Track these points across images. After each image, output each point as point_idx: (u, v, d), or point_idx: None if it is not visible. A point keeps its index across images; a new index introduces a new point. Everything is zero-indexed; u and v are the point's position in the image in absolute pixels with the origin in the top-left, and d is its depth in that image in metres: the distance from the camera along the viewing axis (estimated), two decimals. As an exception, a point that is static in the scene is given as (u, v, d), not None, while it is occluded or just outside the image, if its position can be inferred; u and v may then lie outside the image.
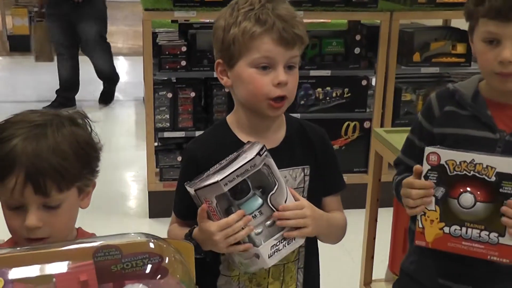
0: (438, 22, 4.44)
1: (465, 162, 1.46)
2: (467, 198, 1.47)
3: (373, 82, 3.89)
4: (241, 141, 1.54)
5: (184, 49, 3.67)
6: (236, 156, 1.43)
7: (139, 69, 5.84)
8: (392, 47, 3.71)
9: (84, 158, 1.30)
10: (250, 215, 1.42)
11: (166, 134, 3.81)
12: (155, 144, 3.85)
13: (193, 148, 1.60)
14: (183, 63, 3.68)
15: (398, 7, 3.79)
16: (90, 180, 1.34)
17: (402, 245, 2.62)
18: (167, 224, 1.65)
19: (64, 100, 5.67)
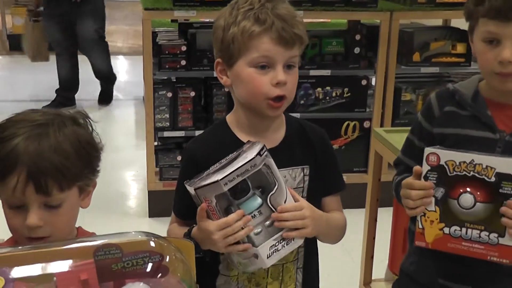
0: (438, 22, 4.44)
1: (464, 162, 1.46)
2: (467, 198, 1.47)
3: (373, 81, 3.89)
4: (241, 140, 1.53)
5: (184, 48, 3.67)
6: (236, 155, 1.42)
7: (139, 69, 5.84)
8: (392, 47, 3.70)
9: (85, 157, 1.30)
10: (250, 215, 1.41)
11: (166, 134, 3.81)
12: (155, 143, 3.84)
13: (192, 148, 1.60)
14: (183, 62, 3.68)
15: (398, 7, 3.79)
16: (91, 179, 1.34)
17: (402, 245, 2.62)
18: (167, 224, 1.65)
19: (64, 100, 5.67)
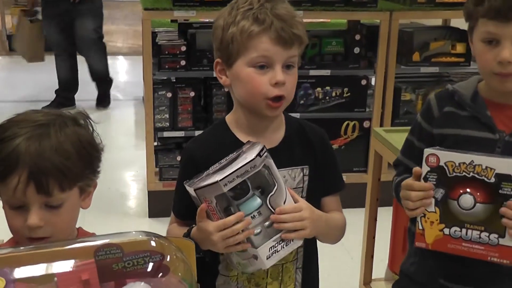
0: (437, 21, 4.44)
1: (464, 163, 1.46)
2: (467, 199, 1.47)
3: (373, 81, 3.89)
4: (240, 141, 1.53)
5: (183, 48, 3.67)
6: (236, 156, 1.42)
7: (139, 69, 5.84)
8: (391, 47, 3.71)
9: (86, 158, 1.31)
10: (249, 215, 1.41)
11: (166, 134, 3.81)
12: (155, 143, 3.84)
13: (192, 148, 1.60)
14: (183, 62, 3.68)
15: (397, 6, 3.79)
16: (91, 180, 1.34)
17: (401, 244, 2.62)
18: (166, 224, 1.64)
19: (64, 100, 5.66)
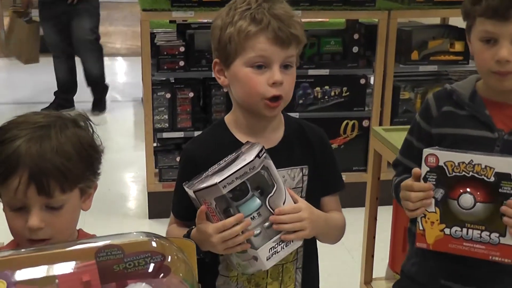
0: (436, 20, 4.45)
1: (463, 163, 1.46)
2: (467, 199, 1.46)
3: (372, 80, 3.89)
4: (239, 141, 1.53)
5: (182, 49, 3.67)
6: (235, 157, 1.42)
7: (137, 70, 5.84)
8: (390, 46, 3.71)
9: (87, 159, 1.31)
10: (249, 216, 1.40)
11: (165, 135, 3.80)
12: (154, 144, 3.84)
13: (190, 149, 1.60)
14: (181, 63, 3.68)
15: (396, 5, 3.79)
16: (92, 181, 1.35)
17: (402, 243, 2.62)
18: (166, 225, 1.65)
19: (63, 102, 5.65)
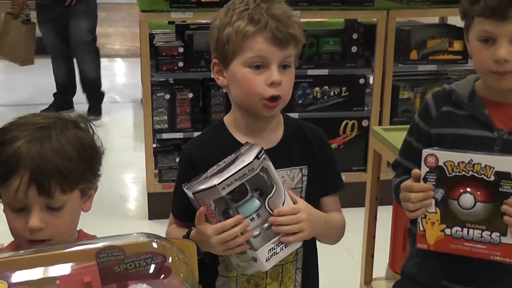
0: (434, 19, 4.45)
1: (463, 162, 1.45)
2: (467, 198, 1.46)
3: (371, 80, 3.89)
4: (238, 141, 1.53)
5: (181, 50, 3.67)
6: (234, 158, 1.41)
7: (137, 71, 5.83)
8: (389, 45, 3.71)
9: (87, 160, 1.31)
10: (248, 217, 1.40)
11: (165, 136, 3.80)
12: (154, 145, 3.84)
13: (190, 149, 1.60)
14: (181, 64, 3.68)
15: (394, 5, 3.79)
16: (92, 182, 1.35)
17: (402, 243, 2.62)
18: (166, 225, 1.65)
19: (62, 103, 5.65)
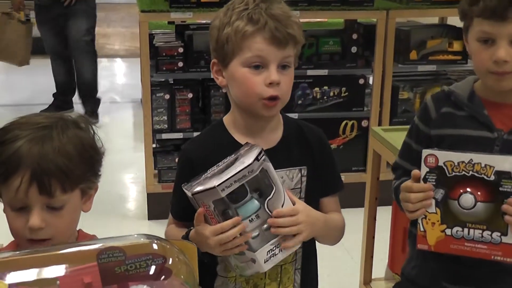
0: (434, 20, 4.45)
1: (463, 162, 1.45)
2: (467, 198, 1.46)
3: (370, 80, 3.89)
4: (238, 142, 1.53)
5: (181, 50, 3.67)
6: (234, 158, 1.41)
7: (136, 71, 5.82)
8: (388, 46, 3.71)
9: (88, 160, 1.32)
10: (247, 218, 1.40)
11: (164, 136, 3.80)
12: (153, 145, 3.84)
13: (189, 149, 1.60)
14: (180, 64, 3.68)
15: (394, 5, 3.79)
16: (93, 183, 1.35)
17: (401, 243, 2.62)
18: (166, 226, 1.65)
19: (62, 103, 5.65)
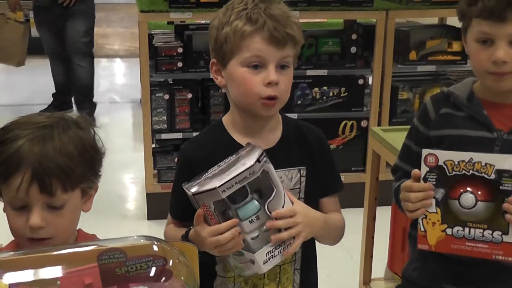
0: (433, 20, 4.45)
1: (463, 161, 1.45)
2: (468, 198, 1.46)
3: (370, 81, 3.89)
4: (237, 142, 1.53)
5: (180, 50, 3.67)
6: (235, 159, 1.41)
7: (136, 71, 5.82)
8: (388, 46, 3.71)
9: (89, 160, 1.32)
10: (247, 219, 1.40)
11: (164, 136, 3.81)
12: (153, 145, 3.84)
13: (188, 149, 1.60)
14: (180, 64, 3.68)
15: (393, 5, 3.79)
16: (93, 182, 1.36)
17: (401, 243, 2.63)
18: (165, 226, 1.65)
19: (61, 103, 5.65)
